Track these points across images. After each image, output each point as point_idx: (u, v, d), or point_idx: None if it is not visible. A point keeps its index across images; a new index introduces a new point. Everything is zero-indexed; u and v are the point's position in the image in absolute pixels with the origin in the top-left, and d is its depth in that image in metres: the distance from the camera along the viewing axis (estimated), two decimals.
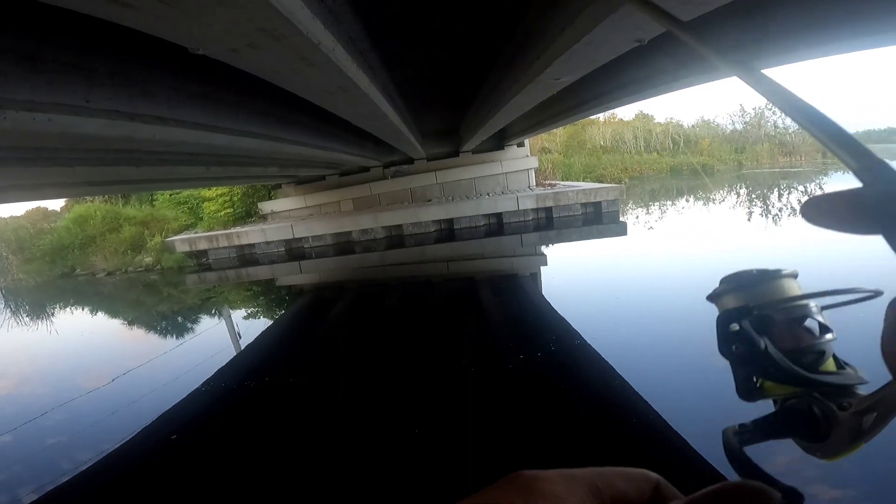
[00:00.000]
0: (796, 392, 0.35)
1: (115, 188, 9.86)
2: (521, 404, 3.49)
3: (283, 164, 8.60)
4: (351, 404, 3.91)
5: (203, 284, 11.45)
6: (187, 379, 5.00)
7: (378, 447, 3.23)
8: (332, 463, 3.09)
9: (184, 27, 1.52)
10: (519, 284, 7.90)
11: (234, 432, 3.76)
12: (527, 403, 3.50)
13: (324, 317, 7.23)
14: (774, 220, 11.09)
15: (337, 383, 4.39)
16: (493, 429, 3.22)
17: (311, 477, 3.02)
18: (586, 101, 6.78)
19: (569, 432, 3.11)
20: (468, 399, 3.70)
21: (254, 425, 3.86)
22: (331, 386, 4.37)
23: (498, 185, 14.20)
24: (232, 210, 14.86)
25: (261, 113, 5.09)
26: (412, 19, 3.81)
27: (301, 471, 3.10)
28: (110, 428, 4.14)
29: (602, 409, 3.39)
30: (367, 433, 3.40)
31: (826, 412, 0.34)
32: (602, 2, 2.12)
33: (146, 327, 8.60)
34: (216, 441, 3.67)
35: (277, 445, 3.42)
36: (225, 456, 3.38)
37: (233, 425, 3.92)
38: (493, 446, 3.01)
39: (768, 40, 3.13)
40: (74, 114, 2.58)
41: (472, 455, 2.92)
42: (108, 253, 14.01)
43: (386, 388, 4.13)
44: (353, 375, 4.51)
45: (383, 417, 3.61)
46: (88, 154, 4.02)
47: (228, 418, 4.07)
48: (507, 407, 3.47)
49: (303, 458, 3.24)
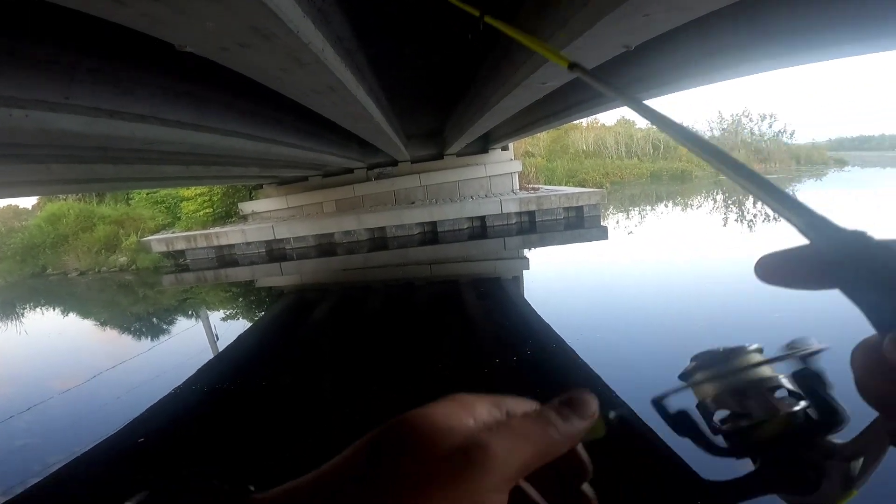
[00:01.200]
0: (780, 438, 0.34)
1: (91, 186, 9.60)
2: None
3: (267, 164, 8.48)
4: (326, 408, 3.90)
5: (180, 285, 11.22)
6: (161, 381, 4.90)
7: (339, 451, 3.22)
8: (303, 467, 3.05)
9: (174, 25, 1.48)
10: (501, 288, 7.93)
11: (208, 435, 3.70)
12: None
13: (304, 319, 7.15)
14: (749, 225, 11.38)
15: (314, 387, 4.37)
16: None
17: (281, 481, 2.97)
18: (571, 106, 6.86)
19: None
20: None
21: (227, 429, 3.80)
22: (307, 389, 4.34)
23: (482, 189, 14.25)
24: (211, 210, 14.58)
25: (246, 112, 5.01)
26: (400, 20, 3.80)
27: (271, 475, 3.05)
28: (81, 430, 4.05)
29: None
30: (340, 437, 3.38)
31: (813, 462, 0.33)
32: (593, 8, 2.15)
33: (120, 328, 8.39)
34: (188, 445, 3.60)
35: (248, 449, 3.38)
36: (195, 460, 3.32)
37: (206, 428, 3.86)
38: None
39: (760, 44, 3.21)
40: (53, 110, 2.49)
41: None
42: (80, 252, 13.62)
43: (362, 391, 4.11)
44: (331, 379, 4.49)
45: (357, 420, 3.58)
46: (64, 151, 3.90)
47: (203, 421, 4.00)
48: None
49: (274, 461, 3.20)
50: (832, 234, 0.27)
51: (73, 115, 2.68)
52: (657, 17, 2.08)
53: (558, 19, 2.75)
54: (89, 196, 17.29)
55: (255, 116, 5.13)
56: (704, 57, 3.77)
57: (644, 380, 3.95)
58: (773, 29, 3.03)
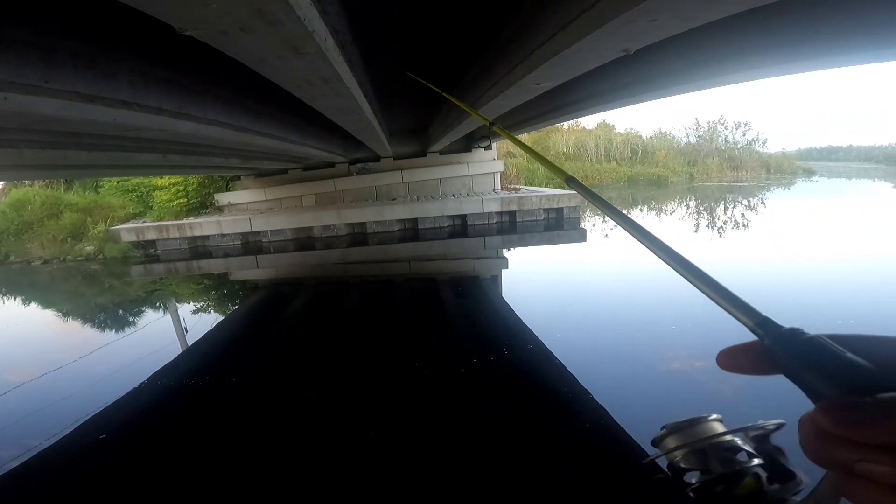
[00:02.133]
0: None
1: (63, 173, 9.20)
2: (475, 405, 3.60)
3: (247, 155, 8.29)
4: (297, 405, 3.86)
5: (149, 276, 10.87)
6: (125, 375, 4.77)
7: (315, 450, 3.21)
8: (270, 466, 3.01)
9: (179, 4, 1.41)
10: (480, 286, 7.96)
11: (173, 431, 3.62)
12: (480, 404, 3.61)
13: (279, 314, 7.03)
14: (719, 232, 11.69)
15: (286, 383, 4.31)
16: (443, 431, 3.27)
17: (246, 479, 2.92)
18: (555, 108, 6.91)
19: (522, 432, 3.23)
20: (420, 401, 3.75)
21: (193, 424, 3.73)
22: (278, 386, 4.28)
23: (464, 187, 14.26)
24: (186, 200, 14.17)
25: (227, 102, 4.88)
26: (394, 14, 3.75)
27: (235, 473, 3.00)
28: (37, 425, 3.89)
29: (554, 409, 3.53)
30: (310, 436, 3.38)
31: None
32: (598, 11, 2.15)
33: (83, 320, 8.10)
34: (151, 441, 3.52)
35: (213, 446, 3.32)
36: (158, 458, 3.25)
37: (172, 424, 3.77)
38: (442, 449, 3.06)
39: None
40: (32, 93, 2.36)
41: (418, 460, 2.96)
42: (45, 240, 13.06)
43: (336, 388, 4.09)
44: (304, 375, 4.43)
45: (329, 419, 3.59)
46: (38, 136, 3.72)
47: (168, 416, 3.92)
48: (459, 409, 3.56)
49: (238, 460, 3.14)
50: (774, 331, 0.34)
51: (52, 98, 2.54)
52: (662, 23, 2.10)
53: (558, 20, 2.75)
54: (56, 182, 16.61)
55: (234, 106, 5.00)
56: (697, 64, 3.84)
57: (620, 380, 4.04)
58: (768, 39, 3.11)
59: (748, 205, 16.82)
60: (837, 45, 3.02)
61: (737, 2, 1.93)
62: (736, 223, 12.95)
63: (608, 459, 2.92)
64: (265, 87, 3.50)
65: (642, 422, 3.20)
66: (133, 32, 2.92)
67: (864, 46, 2.97)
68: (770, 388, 0.50)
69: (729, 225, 12.74)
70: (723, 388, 3.65)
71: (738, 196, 19.59)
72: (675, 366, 4.18)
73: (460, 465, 2.90)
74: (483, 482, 2.74)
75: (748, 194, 20.01)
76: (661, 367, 4.19)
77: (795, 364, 0.32)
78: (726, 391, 3.62)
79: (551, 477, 2.76)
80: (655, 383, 3.93)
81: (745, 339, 0.37)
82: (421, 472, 2.87)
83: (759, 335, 0.35)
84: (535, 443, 3.10)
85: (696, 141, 31.57)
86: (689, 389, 3.81)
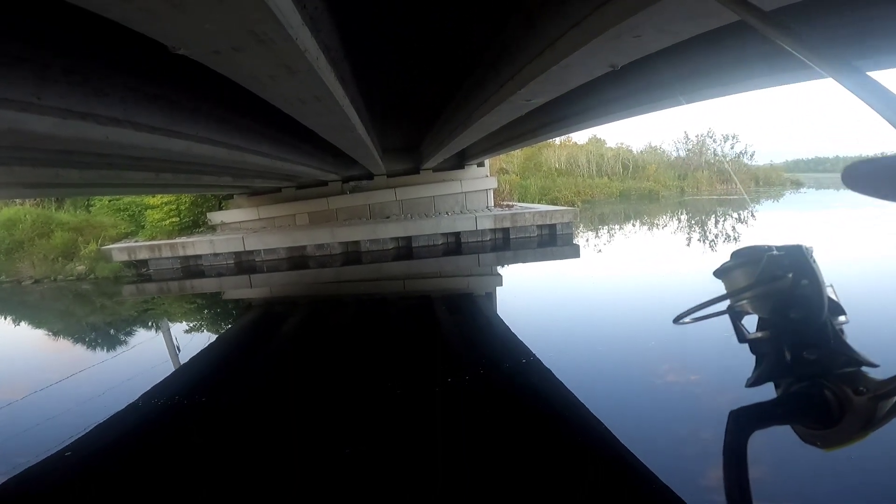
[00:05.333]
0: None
1: (55, 191, 9.16)
2: (463, 420, 3.59)
3: (239, 173, 8.30)
4: (289, 425, 3.81)
5: (141, 296, 10.77)
6: (114, 394, 4.73)
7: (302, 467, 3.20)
8: (258, 485, 2.96)
9: (172, 22, 1.43)
10: (474, 303, 7.96)
11: (162, 451, 3.59)
12: (469, 419, 3.60)
13: (273, 333, 6.98)
14: (711, 245, 11.77)
15: (277, 403, 4.28)
16: (433, 447, 3.27)
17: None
18: (547, 124, 7.00)
19: (515, 446, 3.22)
20: (410, 418, 3.75)
21: (181, 444, 3.69)
22: (269, 405, 4.26)
23: (457, 205, 14.31)
24: (178, 219, 14.09)
25: (219, 120, 4.90)
26: (386, 33, 3.81)
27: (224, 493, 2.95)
28: (24, 444, 3.85)
29: (547, 423, 3.53)
30: (302, 456, 3.34)
31: (840, 397, 0.33)
32: (584, 27, 2.20)
33: (74, 339, 7.99)
34: (138, 461, 3.46)
35: (202, 466, 3.28)
36: (145, 477, 3.21)
37: (160, 444, 3.73)
38: (429, 467, 3.06)
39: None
40: (24, 110, 2.37)
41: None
42: (36, 259, 12.89)
43: (328, 408, 4.06)
44: (297, 395, 4.39)
45: (319, 439, 3.56)
46: (30, 154, 3.71)
47: (156, 436, 3.88)
48: (454, 423, 3.56)
49: (227, 480, 3.11)
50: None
51: (44, 116, 2.55)
52: (646, 38, 2.15)
53: (546, 37, 2.81)
54: (48, 201, 16.48)
55: (226, 124, 5.03)
56: (684, 78, 3.92)
57: (615, 395, 4.03)
58: (751, 52, 3.18)
59: (738, 217, 16.99)
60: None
61: (715, 17, 1.98)
62: (728, 236, 13.06)
63: (603, 469, 2.90)
64: (258, 104, 3.53)
65: (634, 429, 3.24)
66: (126, 50, 2.94)
67: (844, 58, 3.04)
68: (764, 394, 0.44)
69: (721, 238, 12.84)
70: (719, 399, 3.64)
71: (728, 209, 19.79)
72: (671, 378, 4.17)
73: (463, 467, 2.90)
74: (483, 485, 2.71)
75: (738, 207, 20.21)
76: (657, 380, 4.18)
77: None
78: (722, 401, 3.61)
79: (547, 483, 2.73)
80: (649, 395, 3.92)
81: (740, 355, 0.34)
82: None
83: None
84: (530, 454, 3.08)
85: (685, 154, 31.88)
86: (687, 402, 3.81)
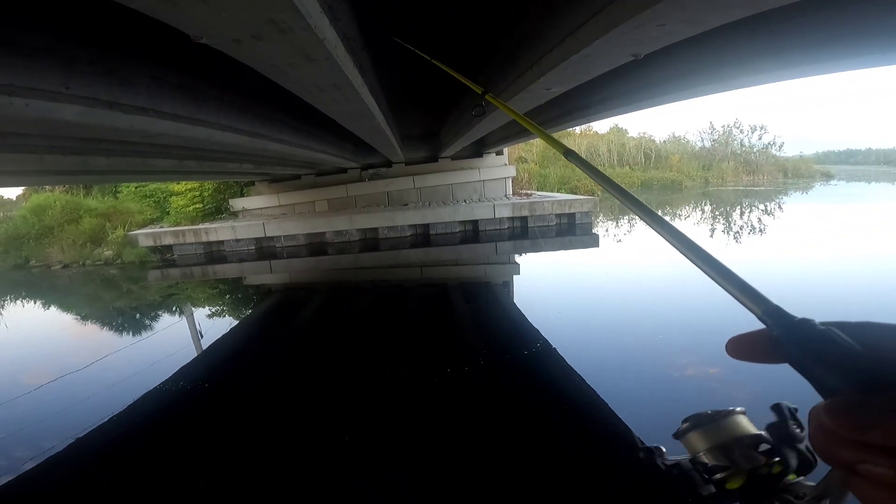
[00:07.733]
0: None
1: (83, 178, 9.42)
2: (480, 409, 3.61)
3: (261, 161, 8.41)
4: (309, 410, 3.87)
5: (166, 280, 11.06)
6: (140, 379, 4.86)
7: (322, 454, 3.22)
8: (281, 471, 3.04)
9: (194, 13, 1.45)
10: (491, 292, 7.96)
11: (187, 436, 3.67)
12: (485, 408, 3.62)
13: (292, 318, 7.11)
14: (735, 237, 11.51)
15: (297, 388, 4.34)
16: (448, 436, 3.28)
17: (260, 483, 2.96)
18: (566, 113, 6.90)
19: (535, 436, 3.21)
20: (424, 406, 3.78)
21: (207, 429, 3.78)
22: (290, 390, 4.32)
23: (475, 193, 14.27)
24: (201, 205, 14.40)
25: (241, 108, 4.98)
26: (405, 20, 3.80)
27: (249, 476, 3.03)
28: (51, 428, 3.98)
29: (562, 412, 3.53)
30: (321, 441, 3.39)
31: (784, 502, 0.37)
32: (607, 15, 2.16)
33: (100, 323, 8.22)
34: (164, 445, 3.56)
35: (228, 451, 3.36)
36: (170, 461, 3.29)
37: (185, 429, 3.81)
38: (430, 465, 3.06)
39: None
40: (53, 100, 2.44)
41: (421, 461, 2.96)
42: (65, 245, 13.34)
43: (347, 394, 4.11)
44: (316, 381, 4.46)
45: (338, 424, 3.60)
46: (59, 142, 3.82)
47: (181, 421, 3.97)
48: (463, 412, 3.58)
49: (251, 463, 3.17)
50: (785, 321, 0.33)
51: (72, 104, 2.62)
52: (671, 27, 2.10)
53: (566, 26, 2.77)
54: (76, 188, 16.98)
55: (247, 113, 5.10)
56: (708, 68, 3.82)
57: (629, 384, 4.01)
58: (779, 43, 3.08)
59: (765, 209, 16.55)
60: (850, 47, 2.99)
61: (744, 5, 1.92)
62: (753, 227, 12.75)
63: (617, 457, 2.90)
64: (278, 93, 3.57)
65: (650, 420, 3.24)
66: (150, 41, 3.00)
67: (877, 49, 2.93)
68: (781, 390, 0.47)
69: (746, 230, 12.53)
70: (735, 394, 3.60)
71: (754, 200, 19.27)
72: (690, 372, 4.14)
73: (471, 455, 2.93)
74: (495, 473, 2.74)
75: (765, 199, 19.67)
76: (675, 372, 4.14)
77: (805, 356, 0.31)
78: (739, 396, 3.57)
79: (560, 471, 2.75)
80: (666, 387, 3.89)
81: None
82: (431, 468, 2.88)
83: (768, 324, 0.34)
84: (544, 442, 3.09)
85: (710, 145, 31.11)
86: (703, 395, 3.77)
